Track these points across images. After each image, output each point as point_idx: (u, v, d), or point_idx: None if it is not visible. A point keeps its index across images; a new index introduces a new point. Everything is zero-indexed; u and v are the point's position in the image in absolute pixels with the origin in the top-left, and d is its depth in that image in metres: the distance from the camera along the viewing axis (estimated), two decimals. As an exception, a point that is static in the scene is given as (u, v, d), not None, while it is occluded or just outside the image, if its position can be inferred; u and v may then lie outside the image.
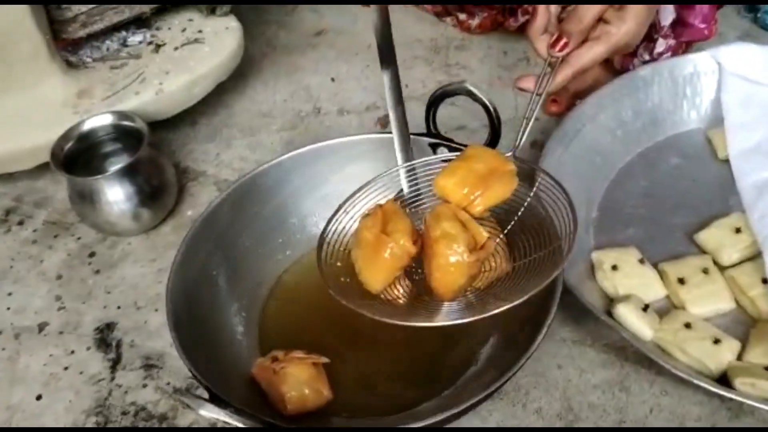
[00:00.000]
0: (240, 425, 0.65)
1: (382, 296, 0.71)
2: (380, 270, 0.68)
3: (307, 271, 0.88)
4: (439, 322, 0.68)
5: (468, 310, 0.70)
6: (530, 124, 0.77)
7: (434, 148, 0.85)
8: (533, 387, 0.80)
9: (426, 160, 0.79)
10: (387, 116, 1.11)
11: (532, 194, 0.74)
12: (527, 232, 0.74)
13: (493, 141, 0.84)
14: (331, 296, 0.69)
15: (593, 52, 0.83)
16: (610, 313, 0.80)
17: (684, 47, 1.03)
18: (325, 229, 0.75)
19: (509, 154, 0.75)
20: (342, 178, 0.87)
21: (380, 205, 0.71)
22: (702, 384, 0.71)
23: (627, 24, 0.83)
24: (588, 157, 0.96)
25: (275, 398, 0.75)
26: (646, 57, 1.02)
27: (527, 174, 0.76)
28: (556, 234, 0.71)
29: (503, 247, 0.74)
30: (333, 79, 1.21)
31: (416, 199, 0.79)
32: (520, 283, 0.70)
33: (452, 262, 0.66)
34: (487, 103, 0.82)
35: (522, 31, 1.21)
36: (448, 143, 0.85)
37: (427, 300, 0.72)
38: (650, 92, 1.00)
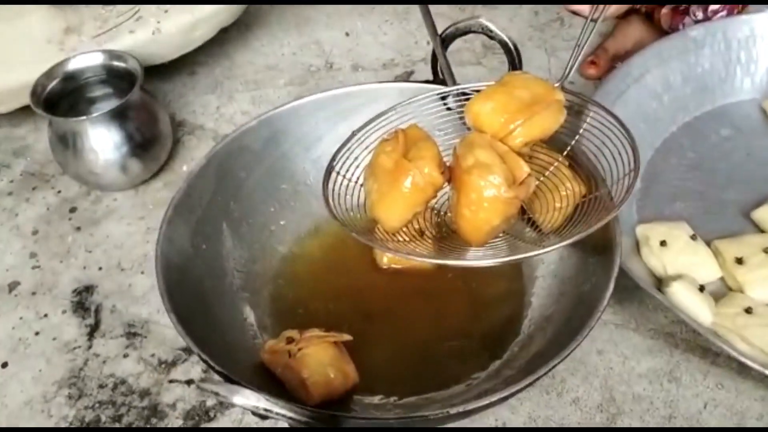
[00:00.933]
0: (290, 414, 0.53)
1: (398, 235, 0.61)
2: (399, 203, 0.57)
3: (311, 244, 0.77)
4: (465, 261, 0.58)
5: (500, 254, 0.60)
6: (582, 51, 0.66)
7: (444, 99, 0.73)
8: (570, 374, 0.70)
9: (460, 88, 0.69)
10: (406, 74, 1.03)
11: (583, 127, 0.64)
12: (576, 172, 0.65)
13: None
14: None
15: None
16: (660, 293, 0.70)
17: (741, 7, 0.93)
18: (334, 157, 0.64)
19: (556, 85, 0.64)
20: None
21: (402, 129, 0.60)
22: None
23: None
24: (632, 122, 0.83)
25: (295, 385, 0.62)
26: (699, 15, 0.92)
27: (576, 110, 0.66)
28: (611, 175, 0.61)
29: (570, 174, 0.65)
30: (347, 34, 1.11)
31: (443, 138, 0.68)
32: (565, 230, 0.60)
33: (486, 197, 0.54)
34: (506, 39, 0.73)
35: (555, -9, 1.12)
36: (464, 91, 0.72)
37: (451, 245, 0.62)
38: (701, 56, 0.91)
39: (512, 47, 0.73)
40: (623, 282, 0.68)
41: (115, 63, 0.88)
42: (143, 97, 0.87)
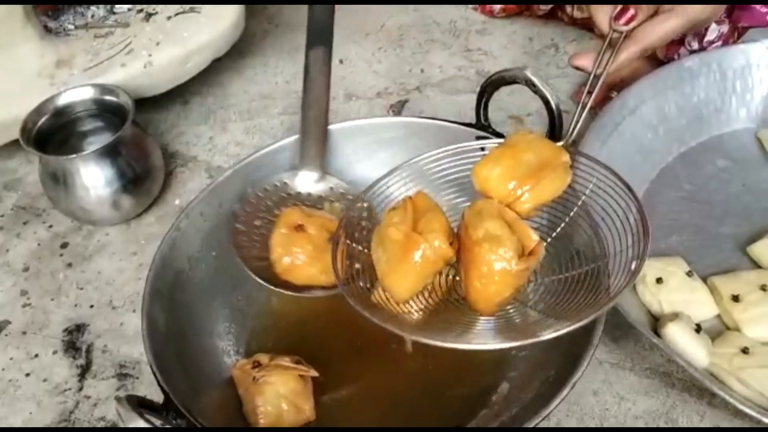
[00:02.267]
0: None
1: (407, 305, 0.60)
2: (408, 276, 0.56)
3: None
4: (477, 344, 0.56)
5: (511, 330, 0.59)
6: (586, 110, 0.65)
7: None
8: (565, 416, 0.69)
9: (462, 146, 0.68)
10: (399, 103, 1.03)
11: (588, 191, 0.63)
12: (577, 237, 0.64)
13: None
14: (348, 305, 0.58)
15: (665, 27, 0.69)
16: (656, 333, 0.69)
17: (737, 36, 0.93)
18: (339, 225, 0.64)
19: (560, 144, 0.63)
20: (348, 166, 0.77)
21: (410, 197, 0.59)
22: (765, 419, 0.61)
23: None
24: (627, 154, 0.86)
25: (249, 410, 0.65)
26: (695, 46, 0.92)
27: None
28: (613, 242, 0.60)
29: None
30: (341, 61, 1.10)
31: (448, 192, 0.68)
32: (568, 297, 0.59)
33: (497, 270, 0.54)
34: (548, 96, 0.69)
35: (550, 17, 1.11)
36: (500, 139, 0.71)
37: (460, 311, 0.61)
38: (696, 86, 0.90)
39: (554, 106, 0.69)
40: (619, 320, 0.68)
41: (107, 97, 0.87)
42: (135, 132, 0.86)
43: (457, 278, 0.61)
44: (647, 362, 0.73)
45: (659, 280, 0.74)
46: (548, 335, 0.53)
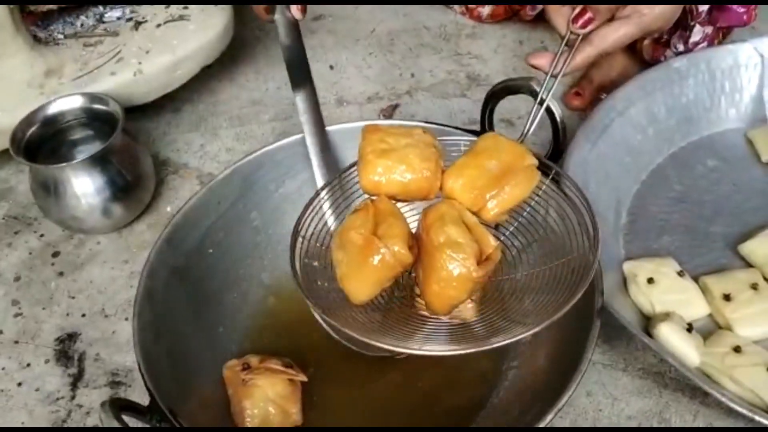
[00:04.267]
0: None
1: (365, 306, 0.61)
2: (367, 280, 0.57)
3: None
4: (432, 350, 0.57)
5: (469, 336, 0.59)
6: (542, 109, 0.66)
7: None
8: (559, 417, 0.69)
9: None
10: (391, 107, 1.03)
11: (538, 195, 0.64)
12: (534, 236, 0.65)
13: (554, 154, 0.72)
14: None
15: (620, 33, 0.71)
16: (648, 333, 0.69)
17: (721, 37, 0.93)
18: (299, 220, 0.63)
19: (518, 140, 0.64)
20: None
21: (371, 200, 0.60)
22: (756, 417, 0.61)
23: (661, 5, 0.72)
24: (617, 156, 0.86)
25: (236, 410, 0.65)
26: (680, 47, 0.92)
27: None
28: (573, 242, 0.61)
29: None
30: (332, 67, 1.10)
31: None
32: (531, 298, 0.60)
33: (456, 275, 0.55)
34: (553, 109, 0.68)
35: (539, 20, 1.11)
36: None
37: (419, 312, 0.61)
38: (685, 86, 0.90)
39: (559, 120, 0.69)
40: (611, 320, 0.68)
41: (96, 106, 0.87)
42: (125, 140, 0.86)
43: (413, 275, 0.62)
44: (640, 362, 0.73)
45: (651, 281, 0.74)
46: (500, 342, 0.54)
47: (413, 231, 0.60)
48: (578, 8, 0.68)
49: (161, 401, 0.60)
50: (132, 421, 0.57)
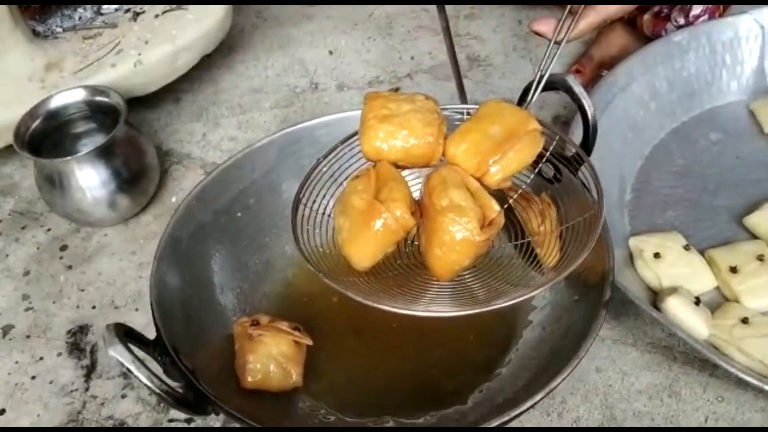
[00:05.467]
0: (140, 377, 0.56)
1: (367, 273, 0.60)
2: (369, 244, 0.56)
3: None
4: (436, 311, 0.56)
5: (470, 299, 0.59)
6: (545, 77, 0.64)
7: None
8: (569, 393, 0.70)
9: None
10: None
11: (541, 164, 0.64)
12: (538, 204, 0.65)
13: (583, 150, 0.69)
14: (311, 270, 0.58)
15: None
16: (656, 308, 0.70)
17: (722, 10, 0.93)
18: (301, 187, 0.63)
19: (523, 108, 0.64)
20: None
21: (373, 166, 0.59)
22: (766, 387, 0.62)
23: None
24: (619, 132, 0.86)
25: (240, 364, 0.67)
26: (681, 21, 0.92)
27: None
28: (581, 206, 0.61)
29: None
30: (331, 52, 1.10)
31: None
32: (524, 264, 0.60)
33: (459, 239, 0.54)
34: (585, 106, 0.65)
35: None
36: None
37: (422, 278, 0.61)
38: (686, 60, 0.90)
39: (591, 116, 0.66)
40: (619, 296, 0.68)
41: (98, 98, 0.87)
42: (128, 132, 0.86)
43: (416, 243, 0.62)
44: (648, 337, 0.73)
45: (657, 255, 0.75)
46: (502, 303, 0.54)
47: (416, 197, 0.60)
48: None
49: (167, 338, 0.61)
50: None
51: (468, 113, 0.66)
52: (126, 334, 0.58)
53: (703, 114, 0.91)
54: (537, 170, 0.65)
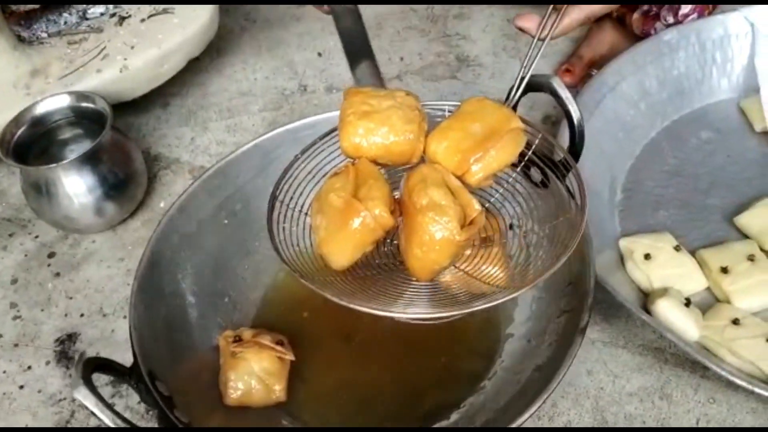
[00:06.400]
0: (104, 420, 0.57)
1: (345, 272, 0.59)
2: (347, 243, 0.55)
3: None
4: (413, 313, 0.56)
5: (450, 300, 0.58)
6: (528, 74, 0.63)
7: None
8: (560, 397, 0.70)
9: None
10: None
11: (523, 162, 0.63)
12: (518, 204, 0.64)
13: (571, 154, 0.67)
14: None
15: None
16: (646, 310, 0.69)
17: (711, 8, 0.92)
18: (277, 184, 0.62)
19: (505, 105, 0.63)
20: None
21: (352, 163, 0.58)
22: (756, 389, 0.62)
23: None
24: (610, 131, 0.86)
25: (222, 380, 0.67)
26: (670, 19, 0.91)
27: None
28: (560, 207, 0.60)
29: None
30: (320, 54, 1.09)
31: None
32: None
33: (439, 239, 0.53)
34: (571, 110, 0.63)
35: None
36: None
37: (401, 278, 0.60)
38: (676, 59, 0.90)
39: (577, 121, 0.63)
40: (609, 298, 0.68)
41: (84, 104, 0.86)
42: (115, 137, 0.86)
43: (395, 242, 0.61)
44: (640, 339, 0.73)
45: (647, 256, 0.74)
46: (482, 305, 0.53)
47: (396, 196, 0.59)
48: None
49: (143, 363, 0.61)
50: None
51: (449, 111, 0.65)
52: (100, 367, 0.58)
53: (694, 112, 0.91)
54: (519, 168, 0.64)
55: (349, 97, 0.60)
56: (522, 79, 0.64)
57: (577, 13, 0.67)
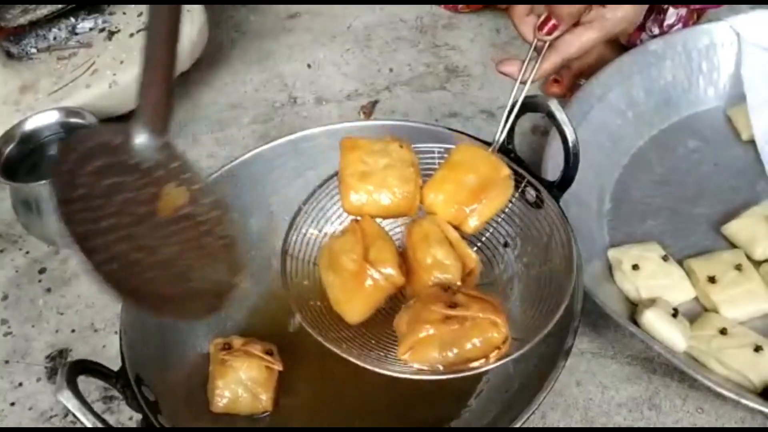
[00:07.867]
0: (86, 423, 0.57)
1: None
2: (362, 303, 0.59)
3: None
4: (423, 374, 0.56)
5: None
6: (513, 115, 0.66)
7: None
8: (550, 408, 0.70)
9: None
10: (370, 104, 1.02)
11: (506, 210, 0.66)
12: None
13: (563, 183, 0.68)
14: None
15: (584, 38, 0.71)
16: (634, 321, 0.70)
17: (696, 18, 0.93)
18: (286, 239, 0.64)
19: (488, 150, 0.66)
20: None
21: (359, 224, 0.61)
22: (743, 400, 0.62)
23: (624, 8, 0.72)
24: (597, 142, 0.86)
25: (210, 387, 0.68)
26: (656, 30, 0.92)
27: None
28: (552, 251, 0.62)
29: None
30: (309, 66, 1.10)
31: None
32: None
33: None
34: (567, 133, 0.64)
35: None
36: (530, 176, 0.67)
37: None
38: (663, 68, 0.91)
39: (572, 145, 0.65)
40: (599, 309, 0.68)
41: (73, 120, 0.87)
42: (104, 153, 0.86)
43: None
44: (628, 349, 0.73)
45: (635, 267, 0.75)
46: (478, 369, 0.55)
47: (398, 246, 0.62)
48: (543, 16, 0.69)
49: (130, 367, 0.62)
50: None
51: (439, 153, 0.68)
52: (86, 370, 0.58)
53: (681, 121, 0.91)
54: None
55: (345, 153, 0.63)
56: (505, 123, 0.67)
57: (555, 57, 0.70)
